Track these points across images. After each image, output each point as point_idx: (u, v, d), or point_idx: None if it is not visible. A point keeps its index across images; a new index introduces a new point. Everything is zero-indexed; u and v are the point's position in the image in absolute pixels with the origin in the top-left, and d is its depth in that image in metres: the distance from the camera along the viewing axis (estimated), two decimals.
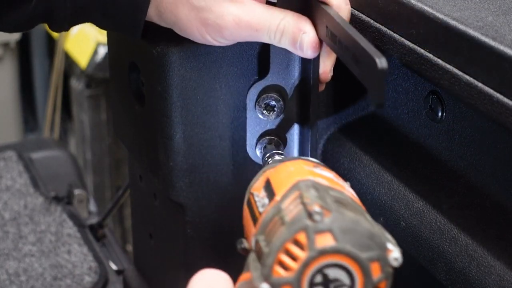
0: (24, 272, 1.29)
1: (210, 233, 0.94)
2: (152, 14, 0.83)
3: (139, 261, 1.13)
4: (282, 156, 0.85)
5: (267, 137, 0.90)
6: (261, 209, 0.68)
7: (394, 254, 0.61)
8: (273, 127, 0.90)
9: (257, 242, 0.64)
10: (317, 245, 0.59)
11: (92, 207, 1.55)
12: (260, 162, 0.90)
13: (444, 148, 0.84)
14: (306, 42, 0.79)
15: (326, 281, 0.60)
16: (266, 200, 0.68)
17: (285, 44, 0.80)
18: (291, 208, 0.63)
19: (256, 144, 0.90)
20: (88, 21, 0.85)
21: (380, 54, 0.69)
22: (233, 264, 0.98)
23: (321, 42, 0.80)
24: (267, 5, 0.81)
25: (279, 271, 0.60)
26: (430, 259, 0.80)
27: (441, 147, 0.84)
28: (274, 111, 0.88)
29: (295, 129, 0.90)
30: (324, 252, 0.59)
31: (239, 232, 0.96)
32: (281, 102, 0.88)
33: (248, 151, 0.90)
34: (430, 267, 0.81)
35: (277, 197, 0.66)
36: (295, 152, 0.91)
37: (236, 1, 0.79)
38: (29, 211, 1.44)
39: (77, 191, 1.50)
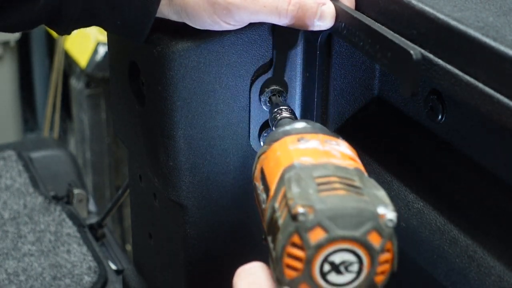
0: (23, 272, 1.29)
1: (210, 233, 0.94)
2: (163, 2, 0.82)
3: (139, 261, 1.13)
4: (288, 114, 0.85)
5: (272, 87, 0.89)
6: (263, 205, 0.71)
7: (388, 216, 0.63)
8: None
9: (267, 241, 0.68)
10: (312, 241, 0.62)
11: (92, 207, 1.55)
12: None
13: (444, 148, 0.84)
14: (327, 14, 0.78)
15: (335, 266, 0.63)
16: (264, 195, 0.71)
17: (299, 19, 0.79)
18: (281, 209, 0.66)
19: (259, 136, 0.91)
20: (95, 16, 0.83)
21: (412, 45, 0.69)
22: (233, 264, 0.98)
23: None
24: None
25: (290, 273, 0.64)
26: (430, 259, 0.80)
27: (441, 147, 0.84)
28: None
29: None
30: (320, 246, 0.62)
31: (239, 232, 0.96)
32: (285, 94, 0.89)
33: (251, 142, 0.91)
34: (430, 267, 0.81)
35: (271, 192, 0.69)
36: None
37: None
38: (29, 210, 1.44)
39: (76, 191, 1.51)
